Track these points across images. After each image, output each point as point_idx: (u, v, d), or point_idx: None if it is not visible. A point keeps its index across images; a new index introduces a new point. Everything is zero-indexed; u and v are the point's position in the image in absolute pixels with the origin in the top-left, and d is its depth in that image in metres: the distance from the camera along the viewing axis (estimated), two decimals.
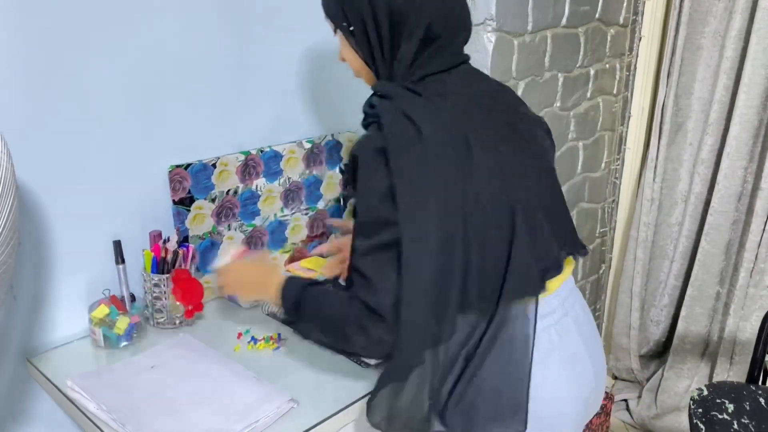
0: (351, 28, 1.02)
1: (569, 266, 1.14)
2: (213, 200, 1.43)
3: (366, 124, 1.03)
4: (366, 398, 1.11)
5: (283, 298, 1.07)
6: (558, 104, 2.04)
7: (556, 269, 1.08)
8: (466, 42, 1.07)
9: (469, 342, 1.00)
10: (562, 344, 1.07)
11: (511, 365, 1.00)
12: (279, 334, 1.29)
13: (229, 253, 1.27)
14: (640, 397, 2.54)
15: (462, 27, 1.05)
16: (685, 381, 2.44)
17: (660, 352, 2.62)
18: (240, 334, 1.30)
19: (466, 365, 0.99)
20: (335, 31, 1.07)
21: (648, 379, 2.57)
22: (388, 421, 1.01)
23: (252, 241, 1.53)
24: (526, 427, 1.01)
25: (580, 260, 2.38)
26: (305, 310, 1.05)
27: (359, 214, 0.97)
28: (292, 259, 1.63)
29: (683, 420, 2.28)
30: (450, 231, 0.93)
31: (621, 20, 2.29)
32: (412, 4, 0.97)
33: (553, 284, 1.07)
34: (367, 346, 0.97)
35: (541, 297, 1.04)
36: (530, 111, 1.15)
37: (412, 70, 1.01)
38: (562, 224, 1.13)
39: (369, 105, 1.03)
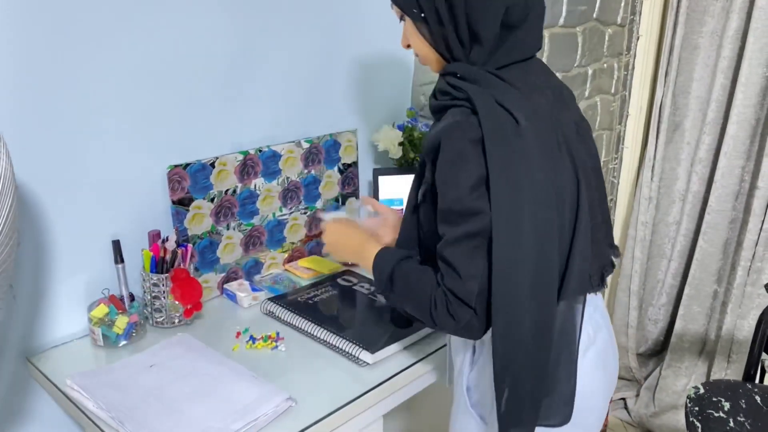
0: (422, 15, 0.98)
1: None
2: (212, 200, 1.44)
3: (445, 105, 0.98)
4: (364, 396, 1.12)
5: (375, 269, 1.10)
6: None
7: (610, 267, 1.10)
8: (542, 34, 1.05)
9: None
10: (596, 339, 1.09)
11: (570, 356, 1.02)
12: (277, 333, 1.30)
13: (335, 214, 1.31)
14: (638, 395, 2.55)
15: (541, 16, 1.02)
16: (683, 379, 2.45)
17: (658, 351, 2.63)
18: (239, 334, 1.31)
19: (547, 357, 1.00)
20: (401, 18, 1.04)
21: (646, 378, 2.58)
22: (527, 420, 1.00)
23: (251, 241, 1.54)
24: (570, 419, 1.02)
25: None
26: (396, 286, 1.06)
27: (447, 202, 0.95)
28: (291, 258, 1.64)
29: (681, 418, 2.29)
30: (545, 228, 0.92)
31: (619, 20, 2.30)
32: None
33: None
34: (457, 330, 0.99)
35: None
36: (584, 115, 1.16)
37: (498, 56, 0.98)
38: (608, 224, 1.14)
39: (451, 86, 0.98)
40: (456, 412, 1.14)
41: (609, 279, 1.12)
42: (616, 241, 2.65)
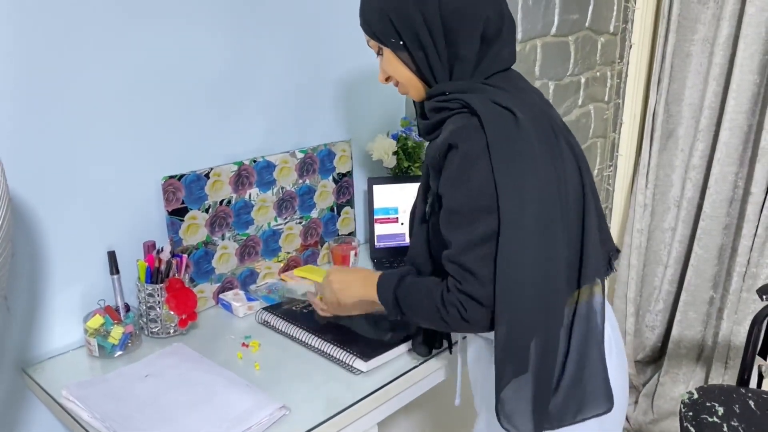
0: (402, 42, 1.02)
1: None
2: (206, 210, 1.45)
3: (441, 120, 1.01)
4: (358, 404, 1.12)
5: (381, 299, 1.11)
6: None
7: (616, 252, 1.13)
8: (515, 46, 1.09)
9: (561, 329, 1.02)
10: (614, 335, 1.12)
11: (596, 341, 1.03)
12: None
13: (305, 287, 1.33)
14: (636, 402, 2.55)
15: (514, 28, 1.06)
16: (681, 386, 2.45)
17: (656, 358, 2.63)
18: (245, 344, 1.31)
19: (567, 356, 1.01)
20: (379, 51, 1.08)
21: (644, 385, 2.58)
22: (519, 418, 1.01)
23: (246, 250, 1.55)
24: (613, 404, 1.03)
25: None
26: (404, 307, 1.07)
27: (453, 204, 0.97)
28: (286, 268, 1.64)
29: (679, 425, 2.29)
30: (549, 217, 0.95)
31: (611, 28, 2.32)
32: (463, 5, 0.97)
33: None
34: (471, 329, 1.02)
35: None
36: None
37: (479, 70, 1.01)
38: (602, 216, 1.16)
39: (444, 100, 1.01)
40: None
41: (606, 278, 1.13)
42: None
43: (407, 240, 1.33)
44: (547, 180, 0.94)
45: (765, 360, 2.21)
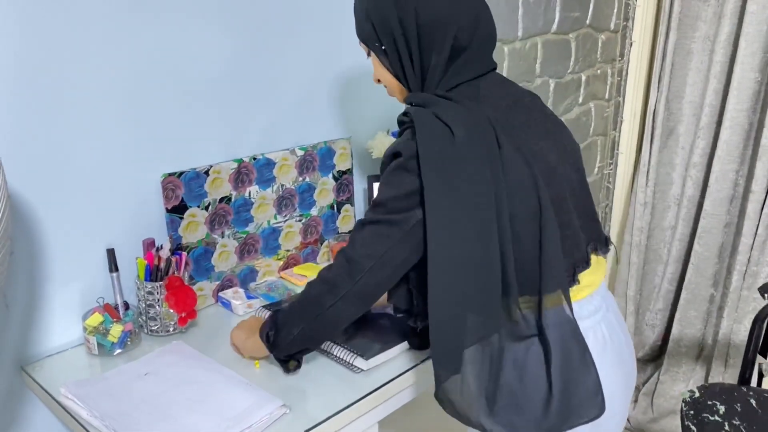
0: (383, 47, 1.07)
1: (603, 264, 1.18)
2: (206, 208, 1.44)
3: (401, 131, 1.06)
4: (358, 403, 1.12)
5: (262, 335, 1.15)
6: None
7: (584, 264, 1.11)
8: (493, 49, 1.11)
9: (527, 338, 1.02)
10: (611, 339, 1.11)
11: (580, 346, 1.03)
12: None
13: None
14: (636, 401, 2.55)
15: (489, 35, 1.09)
16: (681, 384, 2.45)
17: (656, 356, 2.63)
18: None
19: (549, 366, 1.01)
20: (368, 54, 1.13)
21: (644, 383, 2.58)
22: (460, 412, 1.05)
23: (246, 248, 1.54)
24: (604, 409, 1.03)
25: None
26: (279, 322, 1.12)
27: (379, 197, 1.02)
28: (286, 266, 1.64)
29: (680, 423, 2.29)
30: (480, 229, 0.97)
31: (612, 26, 2.31)
32: (438, 15, 1.01)
33: (593, 280, 1.11)
34: (334, 307, 1.06)
35: (587, 294, 1.09)
36: (555, 115, 1.19)
37: (446, 79, 1.06)
38: (590, 220, 1.16)
39: (403, 114, 1.06)
40: None
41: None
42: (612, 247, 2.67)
43: None
44: (476, 192, 0.97)
45: (765, 358, 2.21)
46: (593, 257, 1.13)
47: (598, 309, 1.11)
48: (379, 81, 1.15)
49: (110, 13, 1.23)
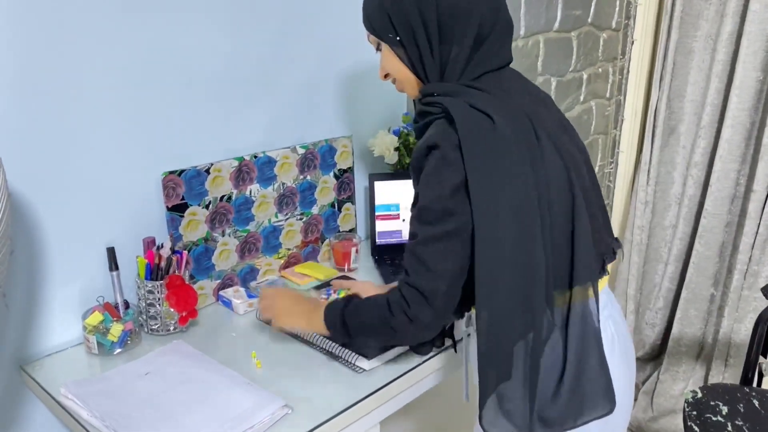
0: (398, 38, 1.03)
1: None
2: (207, 206, 1.43)
3: (426, 123, 1.03)
4: (360, 403, 1.11)
5: (328, 325, 1.12)
6: None
7: (611, 255, 1.11)
8: (512, 38, 1.09)
9: (552, 335, 1.01)
10: (618, 334, 1.11)
11: (596, 342, 1.02)
12: None
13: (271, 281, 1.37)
14: (636, 400, 2.55)
15: (508, 23, 1.06)
16: (681, 384, 2.45)
17: (655, 355, 2.63)
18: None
19: (565, 359, 1.00)
20: (378, 47, 1.09)
21: (644, 382, 2.58)
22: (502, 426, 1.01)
23: (246, 247, 1.53)
24: (615, 405, 1.02)
25: None
26: (351, 327, 1.09)
27: (425, 201, 0.97)
28: (287, 265, 1.63)
29: (679, 422, 2.29)
30: (527, 222, 0.95)
31: (613, 24, 2.31)
32: (460, 4, 0.98)
33: (604, 278, 1.11)
34: (416, 333, 1.03)
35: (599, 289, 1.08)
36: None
37: (470, 69, 1.02)
38: (606, 215, 1.16)
39: (426, 104, 1.03)
40: None
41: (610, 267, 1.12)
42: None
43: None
44: (523, 183, 0.95)
45: (766, 358, 2.21)
46: None
47: (605, 306, 1.11)
48: (386, 77, 1.12)
49: (111, 11, 1.23)
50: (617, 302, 1.19)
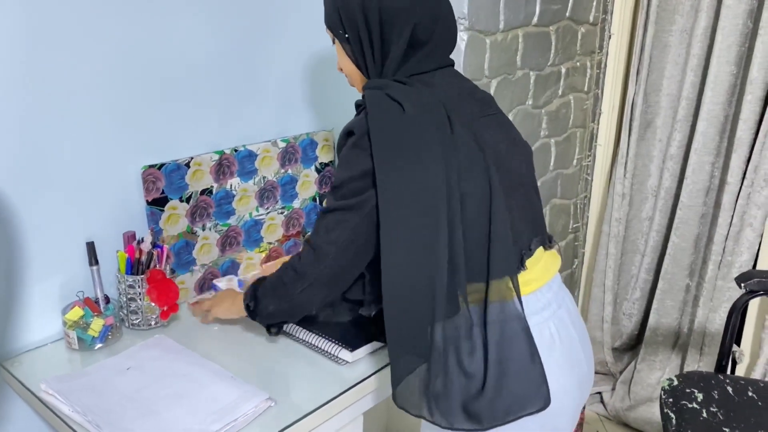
0: (347, 35, 1.10)
1: (556, 260, 1.18)
2: (187, 200, 1.43)
3: (358, 113, 1.08)
4: (344, 395, 1.12)
5: (245, 298, 1.20)
6: (530, 102, 2.07)
7: (528, 251, 1.11)
8: (452, 50, 1.14)
9: (474, 327, 1.02)
10: (560, 336, 1.11)
11: (524, 332, 1.03)
12: None
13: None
14: (614, 389, 2.58)
15: (450, 37, 1.12)
16: (658, 372, 2.49)
17: (633, 345, 2.67)
18: None
19: (486, 351, 1.02)
20: (333, 41, 1.16)
21: (621, 372, 2.62)
22: (419, 405, 1.04)
23: (227, 241, 1.53)
24: (549, 401, 1.03)
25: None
26: (258, 291, 1.17)
27: (337, 180, 1.05)
28: (268, 259, 1.63)
29: (656, 410, 2.33)
30: (431, 204, 0.98)
31: (591, 18, 2.32)
32: (400, 6, 1.04)
33: (541, 275, 1.12)
34: (302, 295, 1.11)
35: (535, 289, 1.09)
36: (506, 116, 1.20)
37: (403, 69, 1.08)
38: (537, 216, 1.16)
39: (363, 97, 1.08)
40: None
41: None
42: (590, 238, 2.69)
43: None
44: (427, 168, 0.99)
45: (739, 346, 2.25)
46: (541, 251, 1.14)
47: (547, 306, 1.10)
48: (341, 70, 1.18)
49: (90, 5, 1.21)
50: (572, 302, 1.19)
